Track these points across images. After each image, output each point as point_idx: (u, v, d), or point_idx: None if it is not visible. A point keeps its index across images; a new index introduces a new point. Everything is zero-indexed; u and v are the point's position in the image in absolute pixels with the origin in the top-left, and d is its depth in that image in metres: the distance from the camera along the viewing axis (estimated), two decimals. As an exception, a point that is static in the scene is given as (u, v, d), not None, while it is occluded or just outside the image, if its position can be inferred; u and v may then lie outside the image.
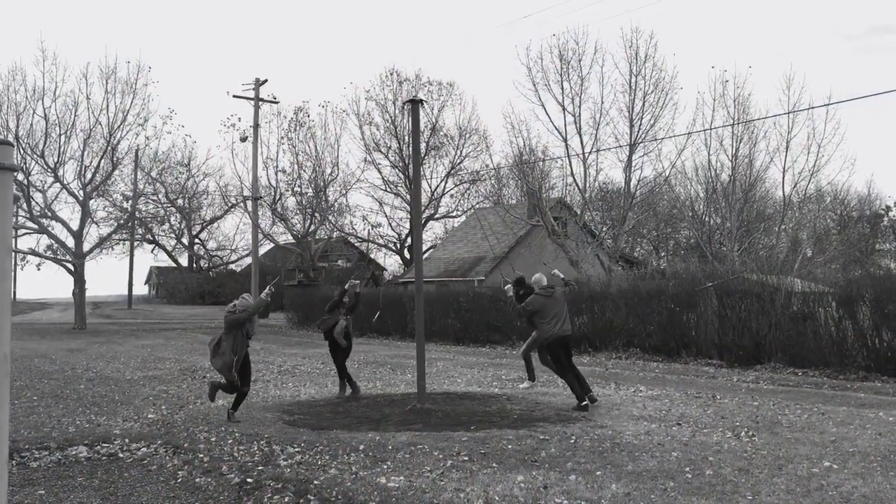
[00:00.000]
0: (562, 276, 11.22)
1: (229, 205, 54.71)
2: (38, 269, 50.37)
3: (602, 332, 19.35)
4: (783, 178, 28.77)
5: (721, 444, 7.87)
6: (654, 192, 30.99)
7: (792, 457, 7.24)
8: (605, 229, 31.27)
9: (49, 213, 31.71)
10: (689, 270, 21.03)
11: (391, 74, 43.57)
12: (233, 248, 65.15)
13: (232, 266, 65.75)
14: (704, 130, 28.31)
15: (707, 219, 32.90)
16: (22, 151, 30.01)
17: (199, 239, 65.05)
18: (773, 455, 7.33)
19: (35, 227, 31.76)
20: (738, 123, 27.99)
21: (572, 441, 7.98)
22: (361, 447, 7.72)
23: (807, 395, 11.84)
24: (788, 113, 27.30)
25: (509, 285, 11.34)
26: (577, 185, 28.63)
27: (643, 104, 27.20)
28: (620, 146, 27.75)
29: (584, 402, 9.96)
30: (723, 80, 28.24)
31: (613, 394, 11.68)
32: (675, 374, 15.07)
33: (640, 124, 27.25)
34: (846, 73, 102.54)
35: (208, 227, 64.15)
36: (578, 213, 30.18)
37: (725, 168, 29.21)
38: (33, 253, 37.20)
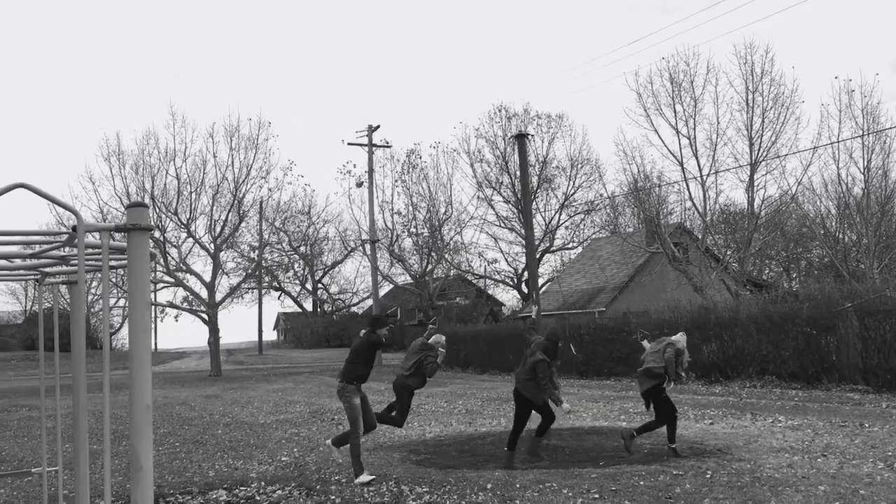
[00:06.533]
0: (442, 340, 9.35)
1: (349, 249, 56.63)
2: (176, 321, 53.34)
3: (733, 359, 18.60)
4: (923, 187, 27.05)
5: (873, 475, 7.33)
6: (781, 211, 29.62)
7: (957, 489, 6.66)
8: (729, 253, 30.12)
9: (184, 267, 33.51)
10: (825, 291, 19.94)
11: (499, 111, 43.91)
12: (354, 290, 67.14)
13: (354, 308, 67.51)
14: (831, 144, 26.98)
15: (841, 236, 31.21)
16: (157, 210, 32.01)
17: (322, 283, 67.35)
18: (935, 488, 6.76)
19: (172, 280, 33.59)
20: (869, 134, 26.53)
21: (708, 476, 7.64)
22: (489, 486, 7.66)
23: (968, 420, 10.91)
24: (924, 118, 25.68)
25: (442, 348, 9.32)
26: (696, 208, 27.82)
27: (762, 121, 26.23)
28: (741, 166, 26.79)
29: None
30: (848, 90, 26.93)
31: (750, 424, 11.13)
32: (816, 401, 14.23)
33: (761, 142, 26.26)
34: None
35: (330, 272, 66.40)
36: (700, 237, 29.24)
37: (857, 181, 27.72)
38: (171, 305, 39.36)
